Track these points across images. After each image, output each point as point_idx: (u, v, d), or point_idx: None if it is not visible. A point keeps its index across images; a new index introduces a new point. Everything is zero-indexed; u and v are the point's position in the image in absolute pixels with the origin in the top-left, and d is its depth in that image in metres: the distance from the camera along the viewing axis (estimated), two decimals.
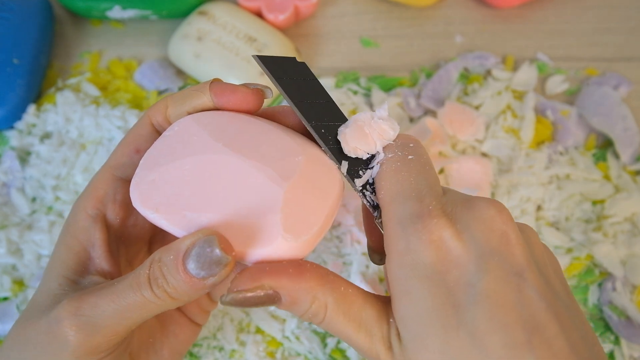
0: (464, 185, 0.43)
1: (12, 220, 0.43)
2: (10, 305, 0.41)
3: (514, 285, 0.23)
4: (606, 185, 0.45)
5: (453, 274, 0.24)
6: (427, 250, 0.24)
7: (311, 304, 0.25)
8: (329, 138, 0.27)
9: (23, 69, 0.46)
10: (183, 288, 0.25)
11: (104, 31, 0.52)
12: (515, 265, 0.24)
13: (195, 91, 0.29)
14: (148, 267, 0.25)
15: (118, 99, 0.48)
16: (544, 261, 0.26)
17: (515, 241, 0.24)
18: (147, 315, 0.26)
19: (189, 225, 0.25)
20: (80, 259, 0.28)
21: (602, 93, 0.48)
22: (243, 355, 0.40)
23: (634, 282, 0.41)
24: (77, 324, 0.25)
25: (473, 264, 0.24)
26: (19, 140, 0.46)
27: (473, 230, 0.24)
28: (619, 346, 0.40)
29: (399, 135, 0.28)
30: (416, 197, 0.25)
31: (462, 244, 0.24)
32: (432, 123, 0.45)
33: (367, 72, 0.50)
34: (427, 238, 0.24)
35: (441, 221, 0.24)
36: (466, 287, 0.23)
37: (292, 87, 0.28)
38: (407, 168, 0.26)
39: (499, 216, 0.25)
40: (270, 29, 0.48)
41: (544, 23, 0.53)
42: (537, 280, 0.24)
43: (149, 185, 0.27)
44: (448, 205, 0.25)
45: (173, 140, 0.28)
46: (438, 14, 0.53)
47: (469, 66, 0.50)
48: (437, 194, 0.26)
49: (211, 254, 0.24)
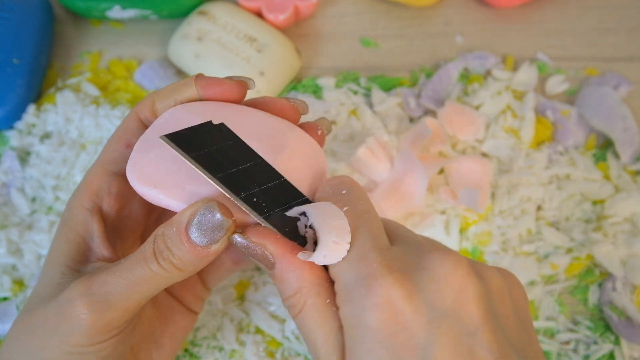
0: (464, 185, 0.43)
1: (12, 220, 0.43)
2: (10, 305, 0.41)
3: (465, 348, 0.23)
4: (606, 185, 0.45)
5: (401, 337, 0.23)
6: (372, 314, 0.23)
7: (295, 292, 0.25)
8: (262, 206, 0.25)
9: (23, 69, 0.46)
10: (188, 258, 0.25)
11: (104, 31, 0.52)
12: (468, 325, 0.23)
13: (182, 85, 0.30)
14: (152, 242, 0.26)
15: (118, 99, 0.48)
16: (504, 308, 0.25)
17: (471, 298, 0.23)
18: (156, 288, 0.26)
19: (188, 197, 0.26)
20: (81, 249, 0.29)
21: (602, 93, 0.48)
22: (243, 355, 0.40)
23: (634, 282, 0.41)
24: (88, 302, 0.26)
25: (423, 328, 0.23)
26: (19, 140, 0.46)
27: (425, 289, 0.23)
28: (619, 346, 0.40)
29: (330, 180, 0.27)
30: (357, 256, 0.24)
31: (411, 307, 0.23)
32: (432, 123, 0.45)
33: (367, 72, 0.50)
34: (373, 301, 0.23)
35: (388, 281, 0.23)
36: (416, 351, 0.23)
37: (210, 159, 0.25)
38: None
39: (455, 271, 0.24)
40: (270, 29, 0.48)
41: (544, 23, 0.53)
42: (491, 338, 0.23)
43: (146, 165, 0.27)
44: (396, 261, 0.24)
45: (166, 126, 0.28)
46: (438, 14, 0.53)
47: (469, 66, 0.50)
48: (382, 247, 0.25)
49: (213, 220, 0.24)
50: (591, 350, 0.40)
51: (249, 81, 0.30)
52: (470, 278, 0.24)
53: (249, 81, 0.30)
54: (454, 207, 0.43)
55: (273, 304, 0.41)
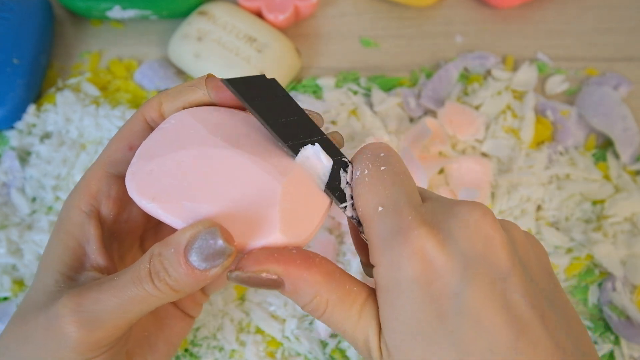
0: (464, 185, 0.43)
1: (12, 220, 0.43)
2: (10, 305, 0.41)
3: (498, 291, 0.23)
4: (606, 185, 0.45)
5: (437, 285, 0.23)
6: (409, 263, 0.24)
7: (313, 298, 0.25)
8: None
9: (23, 69, 0.46)
10: (185, 280, 0.24)
11: (104, 31, 0.52)
12: (499, 269, 0.24)
13: (190, 87, 0.29)
14: (148, 261, 0.25)
15: (118, 99, 0.48)
16: (528, 258, 0.26)
17: (499, 244, 0.24)
18: (149, 308, 0.26)
19: (187, 215, 0.25)
20: (76, 254, 0.28)
21: (602, 93, 0.48)
22: (243, 355, 0.40)
23: (634, 282, 0.41)
24: (78, 319, 0.25)
25: (457, 274, 0.23)
26: (19, 140, 0.46)
27: (456, 237, 0.24)
28: (619, 346, 0.40)
29: (368, 145, 0.28)
30: (394, 210, 0.25)
31: (445, 254, 0.24)
32: (432, 123, 0.45)
33: (367, 72, 0.50)
34: (409, 251, 0.24)
35: (422, 232, 0.24)
36: (451, 297, 0.23)
37: (264, 108, 0.27)
38: (381, 181, 0.26)
39: (483, 219, 0.24)
40: (270, 29, 0.48)
41: (544, 23, 0.53)
42: (522, 283, 0.24)
43: (146, 175, 0.26)
44: (428, 214, 0.25)
45: (170, 132, 0.28)
46: (438, 14, 0.53)
47: (469, 66, 0.50)
48: (416, 203, 0.25)
49: (215, 246, 0.24)
50: None
51: None
52: (497, 227, 0.24)
53: None
54: None
55: (273, 304, 0.41)
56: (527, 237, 0.27)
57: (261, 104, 0.27)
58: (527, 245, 0.26)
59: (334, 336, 0.40)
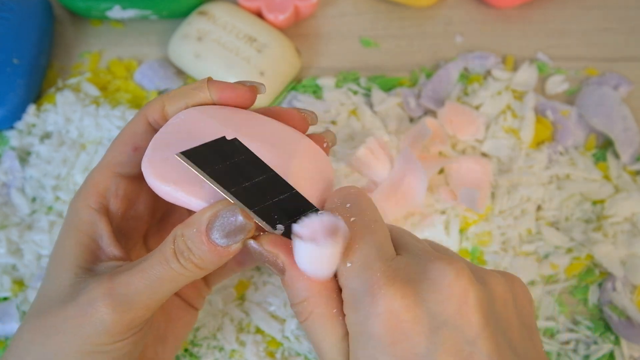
0: (464, 185, 0.43)
1: (12, 220, 0.43)
2: (10, 305, 0.41)
3: (465, 355, 0.23)
4: (606, 185, 0.45)
5: (403, 346, 0.23)
6: (375, 323, 0.24)
7: (302, 301, 0.25)
8: (275, 218, 0.26)
9: (23, 69, 0.46)
10: (209, 257, 0.26)
11: (104, 31, 0.52)
12: (469, 333, 0.23)
13: (193, 89, 0.30)
14: (172, 242, 0.26)
15: (118, 99, 0.48)
16: (506, 313, 0.25)
17: (472, 306, 0.24)
18: (177, 286, 0.27)
19: (207, 195, 0.26)
20: (91, 249, 0.29)
21: (602, 93, 0.48)
22: (243, 355, 0.40)
23: (634, 282, 0.41)
24: (112, 302, 0.26)
25: (424, 337, 0.23)
26: (19, 140, 0.46)
27: (427, 300, 0.24)
28: (619, 346, 0.40)
29: (337, 192, 0.28)
30: (362, 266, 0.25)
31: (413, 317, 0.23)
32: (432, 123, 0.45)
33: (367, 72, 0.50)
34: (375, 311, 0.24)
35: (390, 292, 0.24)
36: (416, 359, 0.23)
37: (225, 174, 0.26)
38: (351, 234, 0.25)
39: (456, 281, 0.24)
40: (270, 29, 0.48)
41: (544, 23, 0.53)
42: (490, 345, 0.23)
43: (163, 162, 0.27)
44: (400, 271, 0.24)
45: (182, 126, 0.28)
46: (438, 14, 0.53)
47: (469, 66, 0.50)
48: (387, 257, 0.25)
49: (235, 222, 0.25)
50: (591, 350, 0.40)
51: (260, 86, 0.31)
52: (472, 286, 0.24)
53: (260, 86, 0.31)
54: (454, 207, 0.43)
55: (273, 304, 0.41)
56: (510, 286, 0.26)
57: (220, 171, 0.26)
58: (507, 300, 0.26)
59: None
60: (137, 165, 0.29)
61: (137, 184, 0.31)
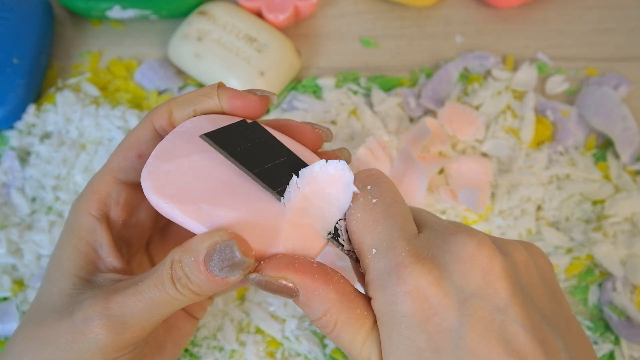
0: (464, 185, 0.43)
1: (12, 220, 0.43)
2: (10, 305, 0.41)
3: (497, 324, 0.23)
4: (606, 185, 0.45)
5: (433, 321, 0.23)
6: (404, 302, 0.24)
7: (323, 315, 0.25)
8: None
9: (23, 69, 0.46)
10: (206, 286, 0.25)
11: (104, 31, 0.52)
12: (498, 301, 0.24)
13: (202, 95, 0.29)
14: (170, 267, 0.25)
15: (118, 99, 0.48)
16: (531, 282, 0.25)
17: (498, 275, 0.24)
18: (174, 310, 0.27)
19: (204, 218, 0.25)
20: (90, 258, 0.29)
21: (602, 93, 0.48)
22: (243, 355, 0.40)
23: (634, 282, 0.41)
24: (107, 323, 0.26)
25: (454, 310, 0.23)
26: (19, 140, 0.46)
27: (452, 273, 0.24)
28: (619, 346, 0.40)
29: (358, 174, 0.28)
30: (387, 246, 0.25)
31: (440, 291, 0.23)
32: (432, 123, 0.45)
33: (367, 72, 0.50)
34: (403, 290, 0.24)
35: (415, 269, 0.24)
36: (448, 333, 0.23)
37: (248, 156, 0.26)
38: (373, 215, 0.25)
39: (479, 251, 0.24)
40: (270, 29, 0.48)
41: (544, 23, 0.53)
42: (521, 311, 0.24)
43: (163, 175, 0.26)
44: (423, 248, 0.25)
45: (188, 135, 0.27)
46: (438, 14, 0.53)
47: (469, 66, 0.50)
48: (410, 236, 0.25)
49: (233, 259, 0.24)
50: None
51: (272, 96, 0.30)
52: (494, 255, 0.24)
53: (272, 96, 0.30)
54: (454, 207, 0.43)
55: (273, 304, 0.41)
56: (531, 256, 0.27)
57: (244, 153, 0.26)
58: (529, 267, 0.26)
59: None
60: (140, 172, 0.28)
61: (139, 191, 0.30)
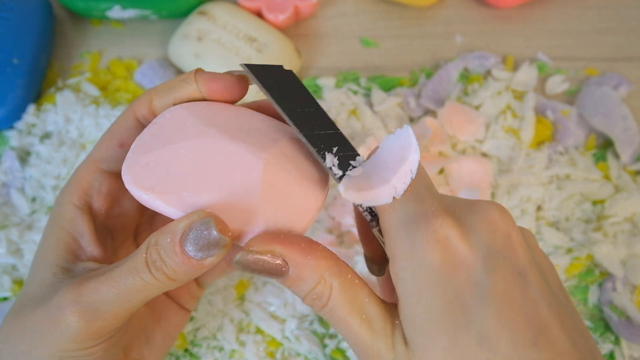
0: (464, 185, 0.43)
1: (12, 220, 0.43)
2: (10, 305, 0.41)
3: (519, 286, 0.24)
4: (606, 185, 0.45)
5: (460, 274, 0.24)
6: (433, 251, 0.24)
7: (317, 283, 0.25)
8: (321, 146, 0.26)
9: (23, 69, 0.46)
10: (181, 269, 0.25)
11: (104, 31, 0.52)
12: (519, 266, 0.24)
13: (181, 82, 0.29)
14: (145, 251, 0.25)
15: (118, 99, 0.48)
16: (542, 262, 0.26)
17: (518, 243, 0.25)
18: (148, 297, 0.26)
19: (185, 205, 0.25)
20: (71, 248, 0.28)
21: (602, 93, 0.48)
22: (243, 355, 0.40)
23: (634, 282, 0.41)
24: (79, 310, 0.25)
25: (480, 265, 0.24)
26: (19, 140, 0.46)
27: (478, 231, 0.24)
28: (619, 346, 0.40)
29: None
30: (416, 199, 0.25)
31: (468, 245, 0.24)
32: (432, 123, 0.45)
33: (367, 72, 0.50)
34: (433, 237, 0.24)
35: (446, 221, 0.24)
36: (474, 287, 0.23)
37: (282, 96, 0.27)
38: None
39: (502, 218, 0.25)
40: (270, 29, 0.48)
41: (544, 23, 0.53)
42: (539, 282, 0.24)
43: (142, 167, 0.26)
44: (450, 206, 0.25)
45: (165, 126, 0.28)
46: (438, 14, 0.53)
47: (469, 66, 0.50)
48: (437, 196, 0.26)
49: (209, 236, 0.24)
50: None
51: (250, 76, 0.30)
52: (514, 225, 0.25)
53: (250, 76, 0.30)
54: None
55: (273, 304, 0.41)
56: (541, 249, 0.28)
57: (279, 93, 0.27)
58: (541, 252, 0.27)
59: (334, 336, 0.40)
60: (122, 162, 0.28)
61: (122, 180, 0.30)
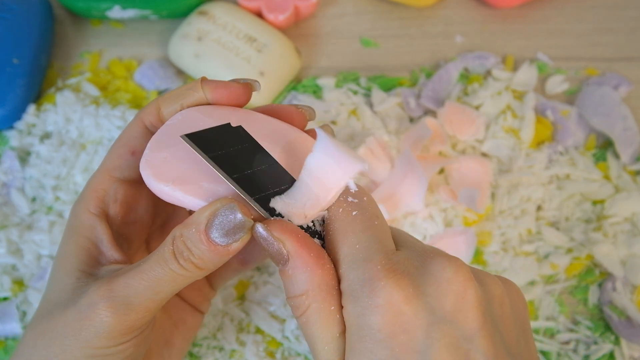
0: (464, 185, 0.43)
1: (12, 220, 0.43)
2: (10, 305, 0.41)
3: (462, 352, 0.23)
4: (606, 185, 0.45)
5: (401, 338, 0.23)
6: (374, 315, 0.24)
7: (301, 294, 0.25)
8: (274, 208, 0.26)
9: (23, 69, 0.46)
10: (208, 257, 0.25)
11: (104, 31, 0.52)
12: (466, 330, 0.24)
13: (187, 89, 0.30)
14: (171, 243, 0.26)
15: (118, 99, 0.48)
16: (503, 315, 0.25)
17: (471, 303, 0.24)
18: (177, 287, 0.27)
19: (205, 194, 0.26)
20: (92, 253, 0.29)
21: (602, 93, 0.48)
22: (243, 355, 0.40)
23: (634, 282, 0.41)
24: (111, 305, 0.26)
25: (422, 331, 0.23)
26: (19, 140, 0.46)
27: (426, 294, 0.24)
28: (619, 346, 0.40)
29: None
30: (363, 258, 0.25)
31: (412, 309, 0.23)
32: (432, 123, 0.45)
33: (367, 72, 0.50)
34: (374, 303, 0.24)
35: (389, 283, 0.24)
36: (413, 353, 0.23)
37: (228, 160, 0.26)
38: (352, 227, 0.25)
39: (456, 277, 0.24)
40: (270, 29, 0.48)
41: (544, 23, 0.53)
42: (487, 344, 0.24)
43: (160, 162, 0.27)
44: (400, 264, 0.24)
45: (179, 126, 0.28)
46: (438, 14, 0.53)
47: (469, 66, 0.50)
48: (387, 251, 0.25)
49: (234, 220, 0.24)
50: (591, 350, 0.40)
51: (255, 83, 0.31)
52: (470, 284, 0.24)
53: (255, 83, 0.31)
54: (454, 207, 0.43)
55: (273, 304, 0.41)
56: (507, 289, 0.27)
57: (224, 156, 0.26)
58: (504, 301, 0.26)
59: None
60: (136, 169, 0.29)
61: (136, 188, 0.31)
